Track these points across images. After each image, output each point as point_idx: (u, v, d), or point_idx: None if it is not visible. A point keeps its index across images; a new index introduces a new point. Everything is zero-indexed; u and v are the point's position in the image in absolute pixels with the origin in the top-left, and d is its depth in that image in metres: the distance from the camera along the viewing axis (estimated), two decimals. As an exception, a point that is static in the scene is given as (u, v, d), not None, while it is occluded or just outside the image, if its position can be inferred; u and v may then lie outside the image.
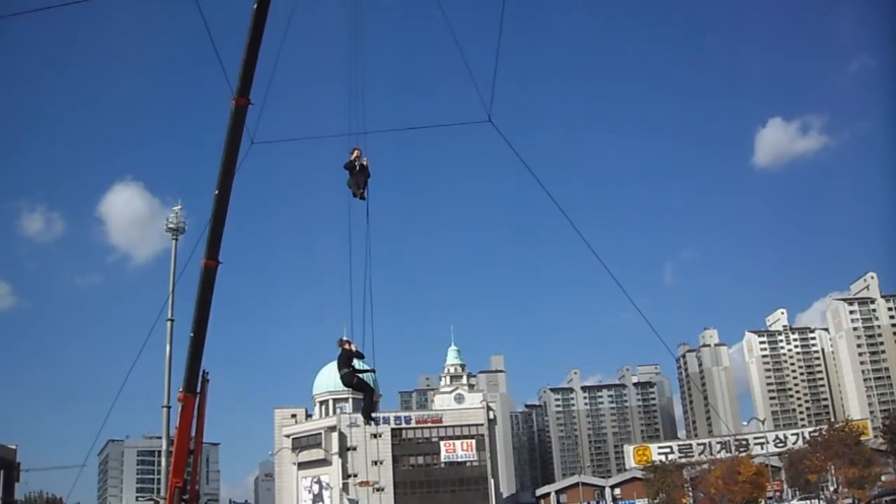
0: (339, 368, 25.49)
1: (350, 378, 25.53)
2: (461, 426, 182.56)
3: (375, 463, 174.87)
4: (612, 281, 29.57)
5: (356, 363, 25.83)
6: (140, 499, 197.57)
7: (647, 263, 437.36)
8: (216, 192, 25.91)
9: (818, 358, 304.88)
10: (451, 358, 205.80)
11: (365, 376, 26.14)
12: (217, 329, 30.06)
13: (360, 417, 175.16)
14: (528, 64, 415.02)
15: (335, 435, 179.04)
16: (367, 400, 28.03)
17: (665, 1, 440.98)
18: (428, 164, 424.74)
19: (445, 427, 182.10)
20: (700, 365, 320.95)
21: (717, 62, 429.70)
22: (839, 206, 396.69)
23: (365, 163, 26.06)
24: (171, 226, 58.20)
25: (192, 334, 27.31)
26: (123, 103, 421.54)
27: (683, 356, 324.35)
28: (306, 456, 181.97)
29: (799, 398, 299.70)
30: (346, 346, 25.39)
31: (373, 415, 34.54)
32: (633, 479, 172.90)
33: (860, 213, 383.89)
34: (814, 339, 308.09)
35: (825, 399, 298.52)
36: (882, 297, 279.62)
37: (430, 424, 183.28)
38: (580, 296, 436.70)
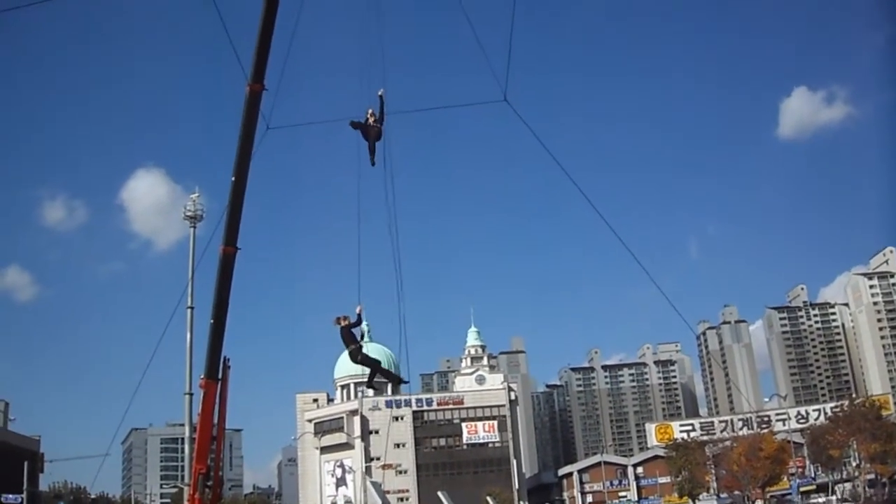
0: (346, 346, 25.60)
1: (356, 355, 25.67)
2: (483, 407, 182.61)
3: (397, 446, 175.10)
4: (632, 259, 29.45)
5: (366, 350, 25.93)
6: (164, 486, 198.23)
7: (668, 240, 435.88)
8: (233, 178, 25.88)
9: (839, 333, 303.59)
10: (472, 339, 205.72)
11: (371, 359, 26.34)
12: (238, 315, 30.18)
13: (381, 401, 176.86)
14: (545, 40, 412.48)
15: (357, 419, 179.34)
16: (371, 374, 27.98)
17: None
18: (444, 146, 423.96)
19: (467, 408, 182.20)
20: (720, 342, 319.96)
21: (741, 30, 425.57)
22: (862, 178, 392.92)
23: (375, 118, 25.98)
24: (188, 213, 58.17)
25: (212, 321, 27.30)
26: (144, 89, 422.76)
27: (704, 333, 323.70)
28: (329, 440, 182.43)
29: (820, 374, 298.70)
30: (341, 323, 25.42)
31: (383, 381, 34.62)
32: (656, 457, 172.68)
33: (882, 186, 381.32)
34: (834, 314, 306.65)
35: (846, 374, 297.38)
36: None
37: (451, 406, 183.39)
38: (600, 274, 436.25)
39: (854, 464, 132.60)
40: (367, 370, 27.52)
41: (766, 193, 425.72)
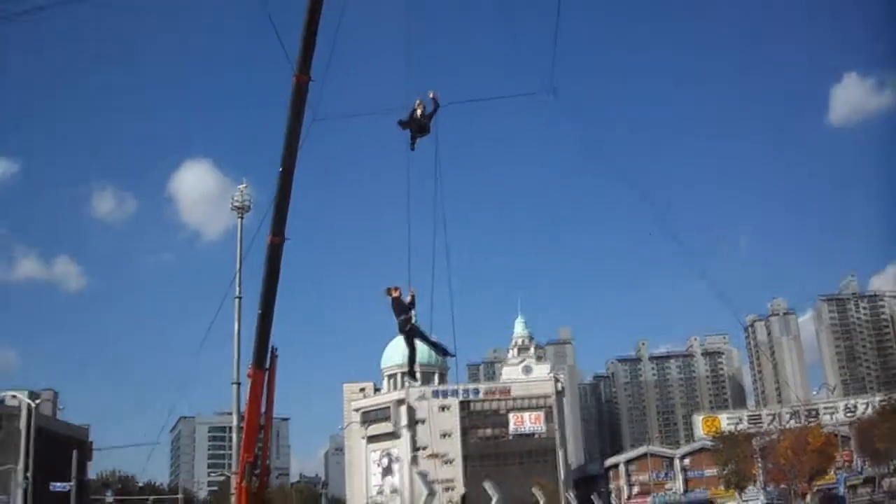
0: (396, 316, 25.76)
1: (406, 324, 25.80)
2: (529, 398, 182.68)
3: (444, 435, 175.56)
4: (681, 250, 29.47)
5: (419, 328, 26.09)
6: (212, 474, 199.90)
7: (718, 231, 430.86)
8: (280, 168, 26.14)
9: (887, 324, 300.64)
10: (519, 329, 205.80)
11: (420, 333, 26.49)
12: (285, 305, 30.21)
13: (428, 391, 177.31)
14: (591, 34, 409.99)
15: (403, 408, 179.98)
16: (412, 357, 28.22)
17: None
18: (490, 139, 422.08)
19: (514, 399, 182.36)
20: (769, 334, 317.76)
21: (790, 15, 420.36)
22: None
23: (427, 110, 26.17)
24: (236, 204, 58.64)
25: (259, 311, 27.65)
26: (192, 81, 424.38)
27: (752, 325, 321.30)
28: (375, 429, 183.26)
29: (868, 366, 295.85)
30: (392, 294, 25.71)
31: (416, 374, 34.95)
32: (702, 449, 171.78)
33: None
34: (883, 305, 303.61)
35: (895, 367, 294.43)
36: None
37: (498, 397, 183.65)
38: (649, 266, 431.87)
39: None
40: (417, 365, 27.69)
41: (817, 181, 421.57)
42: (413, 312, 25.73)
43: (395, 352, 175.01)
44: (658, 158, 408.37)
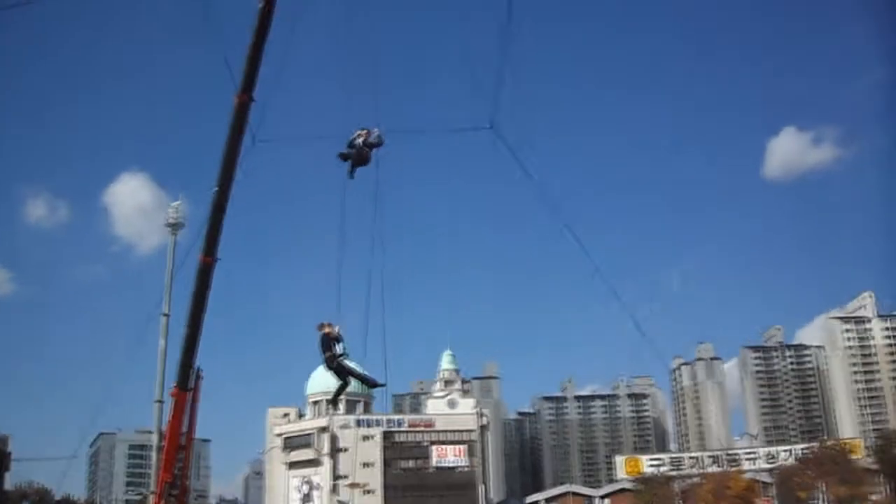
0: (322, 353, 25.54)
1: (332, 361, 25.60)
2: (453, 431, 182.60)
3: (366, 465, 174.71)
4: (611, 291, 29.71)
5: (345, 360, 25.94)
6: (129, 492, 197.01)
7: (648, 272, 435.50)
8: (215, 188, 25.97)
9: (812, 375, 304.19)
10: (446, 363, 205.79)
11: (347, 367, 26.29)
12: (213, 325, 29.94)
13: (351, 419, 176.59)
14: (534, 69, 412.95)
15: (326, 436, 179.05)
16: (340, 388, 27.95)
17: (679, 6, 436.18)
18: (425, 166, 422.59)
19: (437, 432, 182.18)
20: (694, 378, 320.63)
21: (730, 70, 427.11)
22: (846, 222, 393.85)
23: (370, 140, 25.95)
24: (170, 221, 58.35)
25: (186, 330, 27.40)
26: (132, 93, 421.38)
27: (678, 368, 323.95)
28: (297, 456, 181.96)
29: (791, 415, 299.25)
30: (325, 329, 25.40)
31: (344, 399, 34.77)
32: (623, 489, 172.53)
33: (864, 230, 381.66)
34: (808, 356, 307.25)
35: (818, 417, 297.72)
36: (878, 316, 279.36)
37: (422, 428, 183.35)
38: (580, 304, 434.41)
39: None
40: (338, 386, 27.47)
41: (750, 232, 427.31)
42: (339, 347, 25.49)
43: (322, 378, 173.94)
44: (593, 196, 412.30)
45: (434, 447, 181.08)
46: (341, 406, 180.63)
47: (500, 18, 29.70)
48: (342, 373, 26.14)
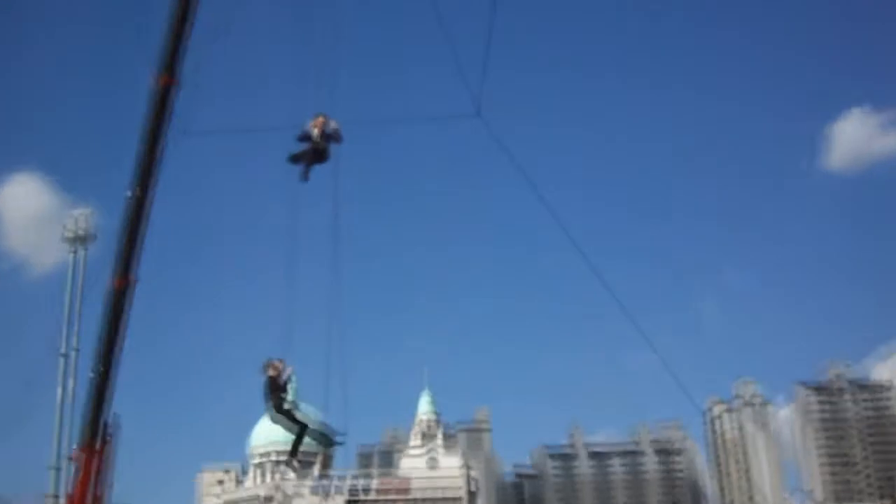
0: (266, 400, 24.87)
1: (279, 406, 24.85)
2: (435, 499, 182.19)
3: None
4: (625, 316, 29.67)
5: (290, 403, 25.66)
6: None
7: (672, 294, 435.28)
8: (129, 193, 25.59)
9: (892, 423, 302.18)
10: (424, 407, 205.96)
11: (300, 416, 25.70)
12: (129, 367, 29.60)
13: (306, 484, 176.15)
14: (527, 54, 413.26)
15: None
16: (297, 441, 27.49)
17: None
18: (406, 169, 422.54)
19: (415, 498, 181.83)
20: (738, 425, 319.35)
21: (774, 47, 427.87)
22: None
23: (328, 130, 25.53)
24: (69, 234, 54.44)
25: (92, 374, 27.00)
26: (29, 80, 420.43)
27: (711, 409, 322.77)
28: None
29: (863, 471, 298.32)
30: (270, 372, 24.84)
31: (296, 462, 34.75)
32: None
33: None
34: (888, 399, 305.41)
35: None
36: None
37: (394, 494, 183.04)
38: (589, 334, 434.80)
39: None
40: (290, 440, 26.98)
41: (809, 235, 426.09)
42: (287, 394, 25.05)
43: (267, 430, 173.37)
44: (604, 203, 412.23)
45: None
46: (295, 465, 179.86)
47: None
48: (294, 421, 25.73)
